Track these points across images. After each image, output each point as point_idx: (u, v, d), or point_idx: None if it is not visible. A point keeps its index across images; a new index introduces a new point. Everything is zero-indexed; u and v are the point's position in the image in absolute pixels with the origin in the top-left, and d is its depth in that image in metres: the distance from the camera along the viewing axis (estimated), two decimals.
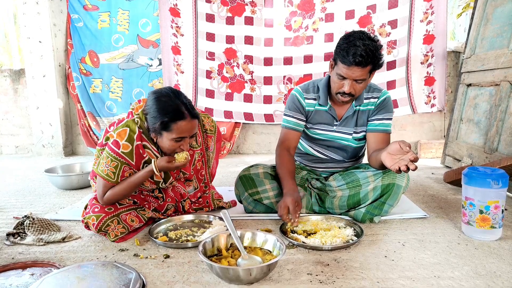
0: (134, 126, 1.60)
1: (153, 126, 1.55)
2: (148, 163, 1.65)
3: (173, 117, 1.51)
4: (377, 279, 1.24)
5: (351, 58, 1.58)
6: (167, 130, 1.53)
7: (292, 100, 1.90)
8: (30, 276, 1.29)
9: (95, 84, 4.00)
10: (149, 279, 1.26)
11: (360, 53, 1.57)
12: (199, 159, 1.92)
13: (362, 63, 1.59)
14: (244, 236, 1.44)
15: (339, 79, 1.68)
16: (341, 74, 1.65)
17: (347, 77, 1.65)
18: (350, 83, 1.66)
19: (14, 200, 2.34)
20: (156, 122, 1.53)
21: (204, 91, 3.83)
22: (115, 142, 1.58)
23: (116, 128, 1.61)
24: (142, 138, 1.61)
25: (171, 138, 1.54)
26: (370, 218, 1.74)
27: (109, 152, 1.58)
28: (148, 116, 1.57)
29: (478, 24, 2.88)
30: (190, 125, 1.55)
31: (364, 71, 1.62)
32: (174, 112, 1.51)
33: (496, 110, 2.49)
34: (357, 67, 1.60)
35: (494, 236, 1.54)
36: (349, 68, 1.61)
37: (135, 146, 1.59)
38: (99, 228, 1.58)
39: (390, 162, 1.52)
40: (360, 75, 1.63)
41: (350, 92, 1.68)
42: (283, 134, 1.90)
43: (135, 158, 1.60)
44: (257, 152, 4.10)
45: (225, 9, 3.68)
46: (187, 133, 1.55)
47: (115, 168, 1.58)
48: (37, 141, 4.08)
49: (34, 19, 3.86)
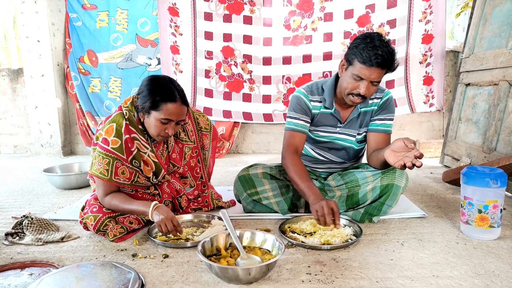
0: (121, 120, 1.62)
1: (143, 105, 1.58)
2: (136, 159, 1.66)
3: (164, 97, 1.55)
4: (376, 278, 1.24)
5: (373, 58, 1.54)
6: (156, 109, 1.56)
7: (298, 101, 1.82)
8: (28, 276, 1.29)
9: (93, 83, 3.99)
10: (148, 279, 1.26)
11: (382, 53, 1.54)
12: (193, 156, 1.92)
13: (383, 65, 1.56)
14: (243, 235, 1.44)
15: (355, 80, 1.62)
16: (359, 75, 1.60)
17: (365, 78, 1.60)
18: (366, 84, 1.61)
19: (13, 200, 2.34)
20: (147, 100, 1.56)
21: (203, 90, 3.83)
22: (104, 140, 1.60)
23: (104, 126, 1.63)
24: (130, 130, 1.63)
25: (158, 118, 1.57)
26: (369, 219, 1.74)
27: (99, 151, 1.60)
28: (140, 96, 1.60)
29: (476, 23, 2.88)
30: (179, 110, 1.58)
31: (382, 72, 1.60)
32: (167, 93, 1.56)
33: (494, 109, 2.49)
34: (377, 68, 1.57)
35: (493, 235, 1.54)
36: (369, 68, 1.57)
37: (124, 140, 1.61)
38: (97, 228, 1.58)
39: (394, 159, 1.52)
40: (378, 76, 1.59)
41: (364, 94, 1.64)
42: (289, 137, 1.81)
43: (125, 152, 1.62)
44: (256, 151, 4.09)
45: (222, 7, 3.68)
46: (174, 116, 1.58)
47: (107, 165, 1.60)
48: (35, 141, 4.07)
49: (32, 18, 3.84)
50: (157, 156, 1.71)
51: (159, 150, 1.76)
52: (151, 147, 1.69)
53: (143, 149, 1.67)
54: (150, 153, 1.69)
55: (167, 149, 1.80)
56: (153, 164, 1.70)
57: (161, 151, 1.77)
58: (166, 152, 1.79)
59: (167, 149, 1.80)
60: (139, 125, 1.66)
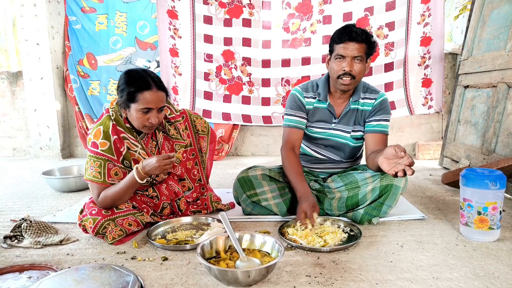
0: (108, 121, 1.63)
1: (122, 100, 1.60)
2: (127, 159, 1.66)
3: (138, 87, 1.56)
4: (375, 280, 1.24)
5: (346, 34, 1.71)
6: (134, 101, 1.57)
7: (293, 99, 1.93)
8: (27, 279, 1.28)
9: (93, 86, 3.99)
10: (147, 281, 1.26)
11: (353, 29, 1.72)
12: (190, 158, 1.92)
13: (357, 38, 1.70)
14: (243, 238, 1.44)
15: (339, 60, 1.75)
16: (339, 54, 1.74)
17: (346, 55, 1.72)
18: (349, 60, 1.73)
19: (11, 203, 2.33)
20: (123, 94, 1.58)
21: (202, 93, 3.83)
22: (93, 144, 1.62)
23: (92, 129, 1.65)
24: (118, 130, 1.64)
25: (138, 109, 1.58)
26: (368, 219, 1.74)
27: (90, 155, 1.62)
28: (118, 91, 1.62)
29: (475, 26, 2.89)
30: (156, 96, 1.58)
31: (360, 47, 1.72)
32: (140, 83, 1.57)
33: (493, 111, 2.50)
34: (353, 42, 1.70)
35: (492, 237, 1.54)
36: (346, 44, 1.71)
37: (112, 141, 1.62)
38: (96, 231, 1.57)
39: (387, 167, 1.53)
40: (357, 51, 1.71)
41: (350, 72, 1.73)
42: (287, 133, 1.92)
43: (115, 153, 1.63)
44: (255, 154, 4.10)
45: (222, 11, 3.69)
46: (153, 104, 1.58)
47: (99, 167, 1.61)
48: (34, 144, 4.07)
49: (31, 21, 3.85)
50: (147, 153, 1.72)
51: (148, 147, 1.76)
52: (141, 145, 1.70)
53: (133, 148, 1.68)
54: (140, 150, 1.70)
55: (156, 145, 1.80)
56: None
57: (150, 148, 1.77)
58: (156, 149, 1.79)
59: (156, 145, 1.80)
60: (127, 123, 1.67)
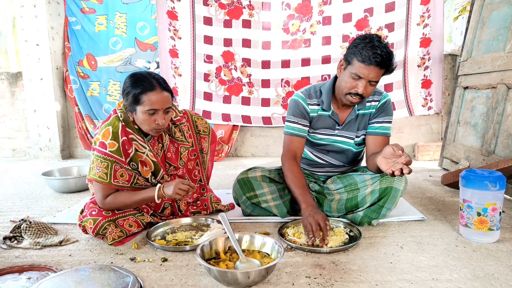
0: (117, 122, 1.63)
1: (128, 103, 1.60)
2: (134, 160, 1.66)
3: (143, 89, 1.56)
4: (375, 281, 1.24)
5: (372, 57, 1.58)
6: (139, 103, 1.57)
7: (296, 105, 1.84)
8: (27, 280, 1.28)
9: (92, 87, 3.99)
10: (146, 282, 1.26)
11: (380, 53, 1.59)
12: (191, 158, 1.92)
13: (381, 64, 1.60)
14: (242, 239, 1.44)
15: (353, 79, 1.66)
16: (357, 74, 1.63)
17: (363, 77, 1.63)
18: (364, 83, 1.64)
19: (11, 204, 2.33)
20: (129, 97, 1.58)
21: (202, 94, 3.83)
22: (101, 144, 1.61)
23: (100, 130, 1.64)
24: (127, 131, 1.64)
25: (143, 111, 1.58)
26: (368, 222, 1.74)
27: (97, 155, 1.61)
28: (124, 94, 1.62)
29: (474, 27, 2.90)
30: (161, 97, 1.58)
31: (380, 72, 1.64)
32: (144, 84, 1.57)
33: (493, 112, 2.50)
34: (376, 67, 1.61)
35: (492, 238, 1.54)
36: (368, 67, 1.61)
37: (121, 142, 1.61)
38: (96, 232, 1.57)
39: (385, 166, 1.52)
40: (376, 76, 1.63)
41: (362, 94, 1.67)
42: (288, 142, 1.84)
43: (123, 154, 1.62)
44: (255, 154, 4.09)
45: (222, 12, 3.69)
46: (158, 105, 1.58)
47: (106, 168, 1.60)
48: (34, 144, 4.06)
49: (31, 22, 3.85)
50: (154, 155, 1.72)
51: (154, 149, 1.76)
52: (149, 147, 1.70)
53: (141, 149, 1.67)
54: (148, 152, 1.69)
55: (162, 148, 1.80)
56: (151, 163, 1.70)
57: (156, 151, 1.77)
58: (161, 151, 1.79)
59: (162, 148, 1.80)
60: (135, 125, 1.67)
